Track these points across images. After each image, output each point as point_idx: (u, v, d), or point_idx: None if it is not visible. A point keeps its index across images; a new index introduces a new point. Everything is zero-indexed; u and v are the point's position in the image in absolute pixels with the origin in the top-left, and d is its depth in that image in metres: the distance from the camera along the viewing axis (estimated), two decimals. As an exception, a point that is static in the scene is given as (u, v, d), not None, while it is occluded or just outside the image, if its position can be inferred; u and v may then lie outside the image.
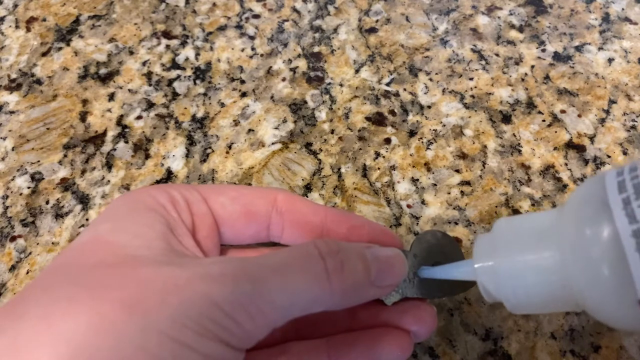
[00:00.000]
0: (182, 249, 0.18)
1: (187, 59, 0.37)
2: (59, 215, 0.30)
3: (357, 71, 0.36)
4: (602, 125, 0.33)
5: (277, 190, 0.22)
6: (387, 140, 0.32)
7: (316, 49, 0.37)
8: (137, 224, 0.18)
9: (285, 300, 0.16)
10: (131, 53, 0.37)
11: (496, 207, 0.29)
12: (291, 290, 0.16)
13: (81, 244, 0.17)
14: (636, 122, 0.33)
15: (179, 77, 0.36)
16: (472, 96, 0.34)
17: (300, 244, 0.18)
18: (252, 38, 0.38)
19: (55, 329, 0.14)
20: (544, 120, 0.33)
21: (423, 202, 0.30)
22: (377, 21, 0.39)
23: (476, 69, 0.36)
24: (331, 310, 0.18)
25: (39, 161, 0.32)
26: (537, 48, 0.37)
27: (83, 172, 0.32)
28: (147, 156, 0.32)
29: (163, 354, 0.14)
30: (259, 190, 0.22)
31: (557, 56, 0.36)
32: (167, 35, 0.38)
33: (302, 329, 0.21)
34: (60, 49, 0.38)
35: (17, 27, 0.39)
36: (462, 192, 0.30)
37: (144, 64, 0.37)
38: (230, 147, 0.32)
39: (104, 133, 0.33)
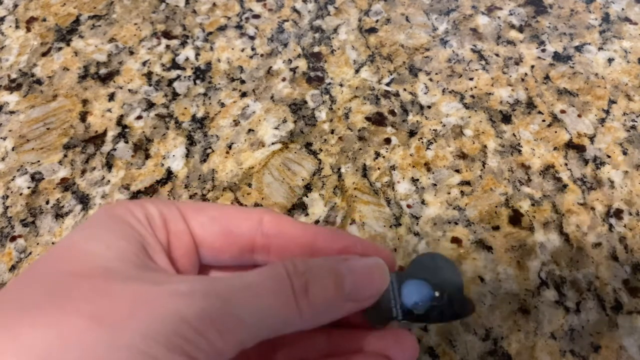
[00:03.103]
0: (153, 266, 0.18)
1: (187, 59, 0.37)
2: (59, 215, 0.30)
3: (357, 71, 0.36)
4: (602, 125, 0.33)
5: (264, 211, 0.21)
6: (387, 140, 0.32)
7: (316, 49, 0.37)
8: (111, 235, 0.17)
9: (253, 320, 0.16)
10: (131, 53, 0.37)
11: (496, 207, 0.29)
12: (259, 310, 0.16)
13: (55, 251, 0.17)
14: (636, 122, 0.33)
15: (179, 77, 0.36)
16: (472, 96, 0.34)
17: (270, 264, 0.18)
18: (252, 38, 0.38)
19: (21, 340, 0.14)
20: (544, 120, 0.33)
21: (423, 202, 0.30)
22: (377, 21, 0.39)
23: (476, 69, 0.36)
24: (305, 329, 0.18)
25: (39, 161, 0.32)
26: (537, 48, 0.37)
27: (83, 172, 0.32)
28: (147, 156, 0.32)
29: None
30: (244, 211, 0.21)
31: (557, 56, 0.36)
32: (167, 35, 0.38)
33: (279, 354, 0.21)
34: (60, 49, 0.38)
35: (17, 27, 0.39)
36: (462, 192, 0.30)
37: (144, 64, 0.37)
38: (230, 147, 0.32)
39: (104, 133, 0.33)
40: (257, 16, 0.39)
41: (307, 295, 0.17)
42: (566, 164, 0.31)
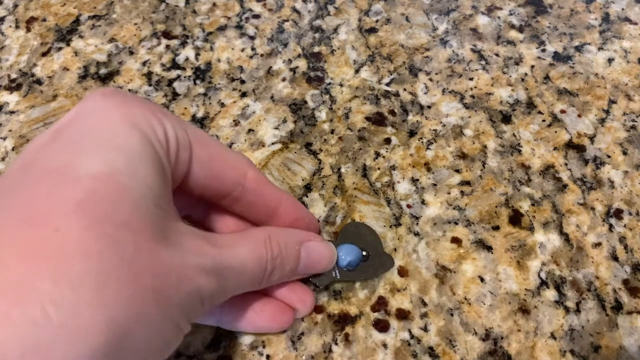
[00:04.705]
0: (171, 209, 0.19)
1: (187, 59, 0.37)
2: (59, 215, 0.30)
3: (357, 71, 0.36)
4: (602, 125, 0.33)
5: (249, 165, 0.23)
6: (387, 140, 0.32)
7: (316, 49, 0.37)
8: (147, 169, 0.17)
9: (236, 292, 0.21)
10: (131, 53, 0.37)
11: (496, 207, 0.29)
12: (243, 285, 0.21)
13: (101, 174, 0.16)
14: (636, 122, 0.33)
15: (179, 77, 0.36)
16: (472, 96, 0.34)
17: (256, 239, 0.21)
18: (252, 38, 0.38)
19: (111, 315, 0.15)
20: (544, 120, 0.33)
21: (423, 202, 0.30)
22: (377, 21, 0.39)
23: (476, 69, 0.36)
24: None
25: (39, 161, 0.32)
26: (537, 48, 0.37)
27: (83, 172, 0.31)
28: (147, 156, 0.32)
29: (171, 339, 0.18)
30: (234, 159, 0.22)
31: (557, 56, 0.36)
32: (167, 35, 0.38)
33: None
34: (60, 49, 0.38)
35: (17, 27, 0.39)
36: (462, 192, 0.30)
37: (144, 64, 0.37)
38: (230, 147, 0.32)
39: (104, 133, 0.33)
40: (257, 16, 0.39)
41: (271, 275, 0.22)
42: (566, 164, 0.31)
